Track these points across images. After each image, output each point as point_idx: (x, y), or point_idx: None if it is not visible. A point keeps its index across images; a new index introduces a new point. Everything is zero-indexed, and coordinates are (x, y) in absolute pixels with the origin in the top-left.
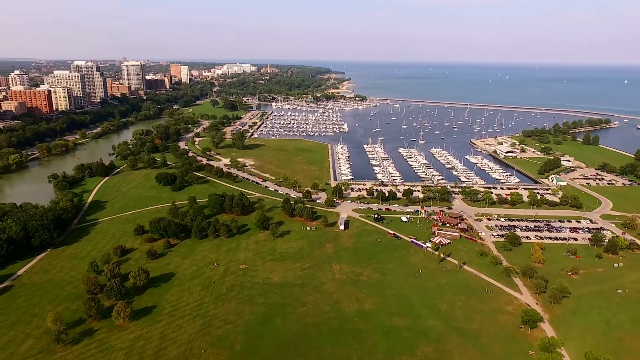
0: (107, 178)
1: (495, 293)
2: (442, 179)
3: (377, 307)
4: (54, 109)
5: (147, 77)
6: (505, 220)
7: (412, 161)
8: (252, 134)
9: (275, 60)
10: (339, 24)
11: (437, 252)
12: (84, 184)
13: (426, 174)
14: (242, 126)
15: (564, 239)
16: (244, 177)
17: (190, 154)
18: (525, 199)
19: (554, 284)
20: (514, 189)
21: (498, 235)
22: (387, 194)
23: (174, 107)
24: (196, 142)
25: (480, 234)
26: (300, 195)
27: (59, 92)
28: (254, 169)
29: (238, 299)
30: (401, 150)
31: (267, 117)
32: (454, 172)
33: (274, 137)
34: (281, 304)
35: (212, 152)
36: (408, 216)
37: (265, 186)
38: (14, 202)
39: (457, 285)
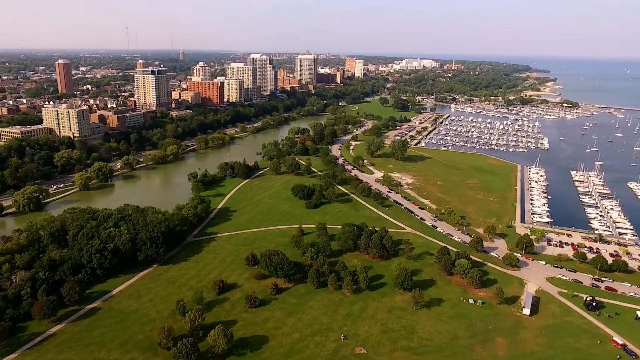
0: (246, 181)
1: None
2: None
3: None
4: (225, 100)
5: (320, 71)
6: None
7: None
8: (419, 142)
9: (464, 55)
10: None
11: None
12: (223, 184)
13: None
14: (409, 131)
15: None
16: (395, 201)
17: (341, 160)
18: None
19: None
20: None
21: None
22: (609, 261)
23: (340, 104)
24: (351, 147)
25: None
26: (467, 241)
27: (231, 84)
28: (410, 190)
29: None
30: (633, 185)
31: (442, 122)
32: None
33: (445, 149)
34: None
35: (365, 162)
36: None
37: (421, 218)
38: (137, 205)
39: None
